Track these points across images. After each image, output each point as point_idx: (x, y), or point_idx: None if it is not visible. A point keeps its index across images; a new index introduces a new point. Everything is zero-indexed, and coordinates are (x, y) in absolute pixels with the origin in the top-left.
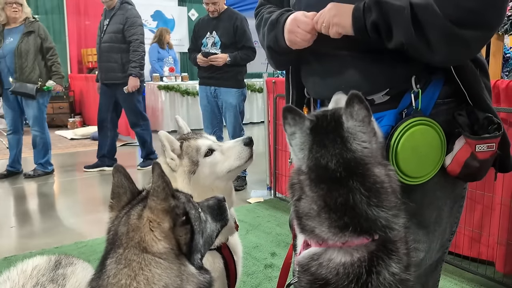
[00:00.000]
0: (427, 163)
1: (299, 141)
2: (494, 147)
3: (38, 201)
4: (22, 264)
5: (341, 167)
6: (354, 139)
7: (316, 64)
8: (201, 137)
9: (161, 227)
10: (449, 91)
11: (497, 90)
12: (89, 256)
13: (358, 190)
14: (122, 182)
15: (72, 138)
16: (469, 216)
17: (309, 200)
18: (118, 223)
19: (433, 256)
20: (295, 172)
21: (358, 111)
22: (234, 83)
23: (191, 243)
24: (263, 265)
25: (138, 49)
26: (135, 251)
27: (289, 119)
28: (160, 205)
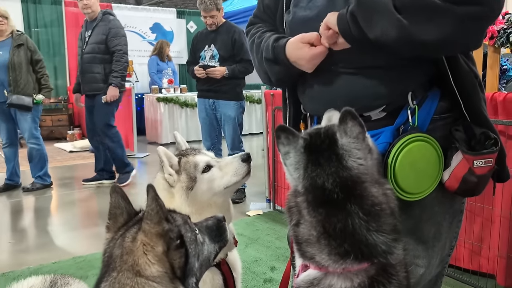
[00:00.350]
0: (425, 179)
1: (294, 161)
2: (491, 162)
3: (36, 215)
4: (17, 285)
5: (338, 187)
6: (350, 156)
7: (312, 80)
8: (199, 153)
9: (155, 250)
10: (445, 107)
11: (494, 102)
12: (87, 272)
13: (356, 214)
14: (119, 202)
15: (71, 150)
16: (469, 228)
17: (308, 225)
18: (113, 245)
19: (432, 271)
20: (292, 194)
21: (352, 128)
22: (233, 96)
23: (185, 266)
24: (262, 279)
25: (121, 60)
26: (128, 274)
27: (283, 139)
28: (153, 228)
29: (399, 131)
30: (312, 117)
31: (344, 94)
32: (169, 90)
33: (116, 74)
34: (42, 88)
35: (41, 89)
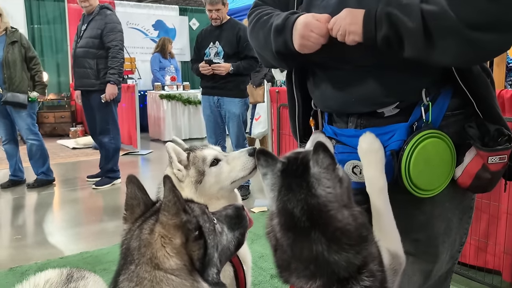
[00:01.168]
0: (438, 176)
1: (270, 182)
2: (505, 159)
3: (41, 212)
4: (35, 277)
5: (305, 216)
6: (319, 185)
7: (325, 77)
8: (207, 148)
9: (173, 243)
10: (457, 103)
11: (501, 99)
12: (95, 267)
13: (319, 240)
14: (135, 193)
15: (73, 147)
16: (475, 225)
17: (281, 249)
18: (130, 236)
19: (443, 267)
20: (269, 217)
21: (323, 159)
22: (238, 93)
23: (204, 258)
24: (269, 275)
25: (117, 56)
26: (146, 268)
27: (262, 161)
28: (171, 220)
29: (412, 128)
30: (323, 113)
31: (358, 92)
32: (172, 87)
33: (113, 71)
34: (36, 85)
35: (35, 86)
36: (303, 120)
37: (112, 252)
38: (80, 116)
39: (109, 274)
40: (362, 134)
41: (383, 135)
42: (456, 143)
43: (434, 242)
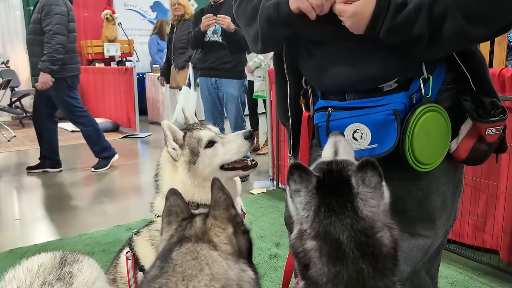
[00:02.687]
0: (437, 150)
1: (304, 200)
2: (501, 130)
3: (41, 194)
4: (27, 261)
5: (352, 243)
6: (365, 206)
7: (321, 54)
8: (204, 128)
9: (226, 232)
10: (451, 77)
11: (502, 78)
12: (94, 248)
13: (367, 271)
14: (178, 202)
15: (72, 130)
16: (473, 205)
17: (318, 272)
18: (182, 229)
19: (438, 241)
20: (297, 237)
21: (371, 178)
22: (235, 74)
23: (250, 248)
24: (267, 255)
25: (51, 42)
26: (204, 246)
27: (296, 176)
28: (223, 214)
29: (412, 99)
30: (314, 92)
31: (360, 71)
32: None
33: (44, 58)
34: None
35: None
36: (295, 100)
37: (111, 233)
38: None
39: (108, 255)
40: (360, 104)
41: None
42: (450, 117)
43: (431, 217)
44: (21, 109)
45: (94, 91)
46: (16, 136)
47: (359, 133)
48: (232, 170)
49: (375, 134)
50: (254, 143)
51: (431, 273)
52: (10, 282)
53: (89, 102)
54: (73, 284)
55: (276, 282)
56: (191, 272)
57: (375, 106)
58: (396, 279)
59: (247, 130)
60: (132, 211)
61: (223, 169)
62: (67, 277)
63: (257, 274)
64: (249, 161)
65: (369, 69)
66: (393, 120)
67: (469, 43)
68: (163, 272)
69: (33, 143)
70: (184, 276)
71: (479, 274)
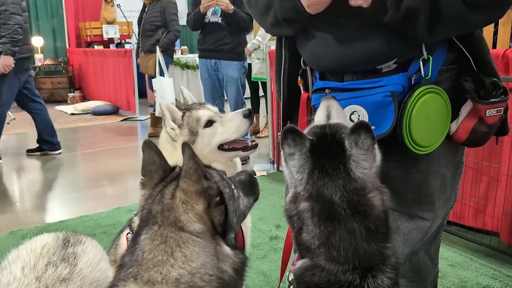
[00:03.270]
0: (436, 132)
1: (298, 163)
2: (502, 111)
3: (41, 176)
4: (30, 242)
5: (345, 203)
6: (357, 168)
7: (319, 34)
8: (203, 108)
9: (195, 209)
10: (452, 58)
11: (506, 59)
12: (94, 230)
13: (359, 231)
14: (153, 158)
15: (72, 113)
16: (474, 187)
17: (310, 234)
18: (152, 201)
19: (438, 223)
20: (292, 200)
21: (364, 140)
22: (235, 56)
23: (225, 223)
24: (268, 237)
25: (8, 22)
26: (171, 228)
27: (289, 140)
28: (192, 187)
29: (411, 80)
30: (313, 71)
31: (358, 51)
32: None
33: (4, 40)
34: None
35: None
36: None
37: (111, 215)
38: (77, 81)
39: (109, 237)
40: (358, 85)
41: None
42: (450, 98)
43: (430, 199)
44: None
45: (93, 74)
46: (16, 118)
47: (356, 115)
48: (232, 150)
49: (373, 116)
50: (254, 121)
51: (430, 254)
52: (14, 262)
53: (88, 84)
54: (77, 265)
55: (277, 263)
56: (161, 258)
57: (373, 88)
58: (390, 249)
59: (246, 108)
60: (132, 193)
61: (223, 150)
62: (71, 258)
63: (237, 249)
64: (249, 142)
65: (367, 50)
66: (391, 102)
67: (467, 29)
68: (134, 260)
69: (32, 125)
70: (155, 263)
71: (479, 255)
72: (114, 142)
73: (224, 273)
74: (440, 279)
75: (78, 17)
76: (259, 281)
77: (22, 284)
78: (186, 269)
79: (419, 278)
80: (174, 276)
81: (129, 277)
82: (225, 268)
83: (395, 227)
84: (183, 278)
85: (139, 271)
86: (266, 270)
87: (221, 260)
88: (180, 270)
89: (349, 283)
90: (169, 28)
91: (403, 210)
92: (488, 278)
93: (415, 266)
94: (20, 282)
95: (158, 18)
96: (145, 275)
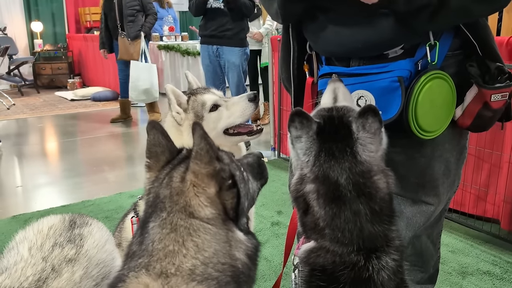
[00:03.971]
0: (441, 117)
1: (305, 146)
2: (507, 96)
3: (43, 161)
4: (37, 223)
5: (350, 185)
6: (364, 151)
7: (326, 20)
8: (208, 92)
9: (207, 192)
10: (457, 43)
11: (510, 47)
12: (97, 215)
13: (365, 212)
14: (159, 140)
15: (72, 99)
16: (476, 174)
17: (315, 216)
18: (159, 184)
19: (441, 208)
20: (298, 182)
21: (371, 124)
22: (237, 42)
23: (237, 207)
24: (270, 222)
25: None
26: (181, 215)
27: (297, 122)
28: (204, 169)
29: (417, 65)
30: (319, 57)
31: (365, 36)
32: (170, 38)
33: None
34: None
35: None
36: (298, 65)
37: (114, 200)
38: (77, 67)
39: (111, 222)
40: (365, 71)
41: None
42: (455, 84)
43: (434, 184)
44: (20, 77)
45: (92, 60)
46: (16, 104)
47: (363, 100)
48: (237, 135)
49: (379, 101)
50: (258, 106)
51: (433, 238)
52: (21, 243)
53: (88, 70)
54: (83, 246)
55: (279, 249)
56: (172, 248)
57: (380, 73)
58: (394, 231)
59: (251, 92)
60: (133, 179)
61: (228, 134)
62: (78, 239)
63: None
64: (255, 126)
65: (374, 35)
66: (398, 87)
67: (468, 18)
68: (143, 250)
69: (32, 111)
70: (167, 254)
71: (480, 242)
72: (114, 128)
73: (238, 261)
74: (441, 265)
75: (78, 2)
76: (261, 266)
77: (29, 264)
78: (199, 259)
79: (421, 262)
80: (188, 267)
81: (140, 268)
82: (238, 255)
83: (399, 211)
84: (197, 269)
85: (150, 261)
86: (268, 255)
87: (234, 247)
88: (193, 261)
89: (353, 264)
90: (147, 12)
91: (407, 194)
92: (488, 264)
93: (417, 250)
94: (27, 262)
95: (136, 2)
96: (157, 266)
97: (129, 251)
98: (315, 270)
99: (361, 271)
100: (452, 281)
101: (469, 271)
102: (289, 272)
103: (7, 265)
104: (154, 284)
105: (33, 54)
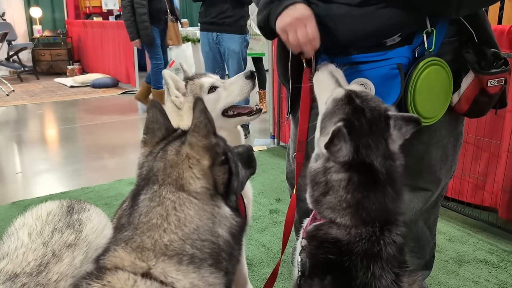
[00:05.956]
0: (439, 103)
1: (344, 153)
2: (503, 81)
3: (41, 148)
4: (35, 209)
5: (383, 169)
6: (393, 144)
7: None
8: (205, 76)
9: (201, 164)
10: (453, 30)
11: (511, 35)
12: (96, 201)
13: (391, 193)
14: (157, 117)
15: (71, 85)
16: (474, 163)
17: (339, 198)
18: (153, 158)
19: (437, 193)
20: (321, 172)
21: (408, 130)
22: (237, 29)
23: (228, 183)
24: (268, 210)
25: None
26: (171, 188)
27: (337, 147)
28: (201, 141)
29: (415, 53)
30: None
31: (364, 25)
32: None
33: None
34: None
35: None
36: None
37: (113, 187)
38: (77, 54)
39: (111, 209)
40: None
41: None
42: (452, 70)
43: (432, 169)
44: (19, 63)
45: (92, 46)
46: (15, 90)
47: (363, 87)
48: (237, 116)
49: (379, 88)
50: (256, 84)
51: (429, 224)
52: (21, 228)
53: (87, 57)
54: (83, 231)
55: (277, 236)
56: (155, 221)
57: (379, 61)
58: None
59: (248, 70)
60: (133, 166)
61: (228, 116)
62: (77, 224)
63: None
64: (254, 107)
65: (373, 26)
66: (397, 74)
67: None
68: (130, 223)
69: (32, 98)
70: (150, 227)
71: (477, 231)
72: (114, 115)
73: (219, 238)
74: (438, 253)
75: None
76: (259, 253)
77: (30, 250)
78: (178, 234)
79: (417, 248)
80: (164, 242)
81: (121, 242)
82: (221, 232)
83: None
84: (172, 244)
85: (133, 235)
86: (266, 242)
87: (217, 224)
88: (172, 236)
89: (369, 236)
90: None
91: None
92: (485, 252)
93: (414, 235)
94: (27, 247)
95: None
96: (138, 240)
97: (118, 224)
98: (325, 243)
99: (373, 244)
100: (449, 269)
101: (466, 259)
102: (287, 260)
103: (7, 251)
104: (127, 257)
105: (32, 40)
